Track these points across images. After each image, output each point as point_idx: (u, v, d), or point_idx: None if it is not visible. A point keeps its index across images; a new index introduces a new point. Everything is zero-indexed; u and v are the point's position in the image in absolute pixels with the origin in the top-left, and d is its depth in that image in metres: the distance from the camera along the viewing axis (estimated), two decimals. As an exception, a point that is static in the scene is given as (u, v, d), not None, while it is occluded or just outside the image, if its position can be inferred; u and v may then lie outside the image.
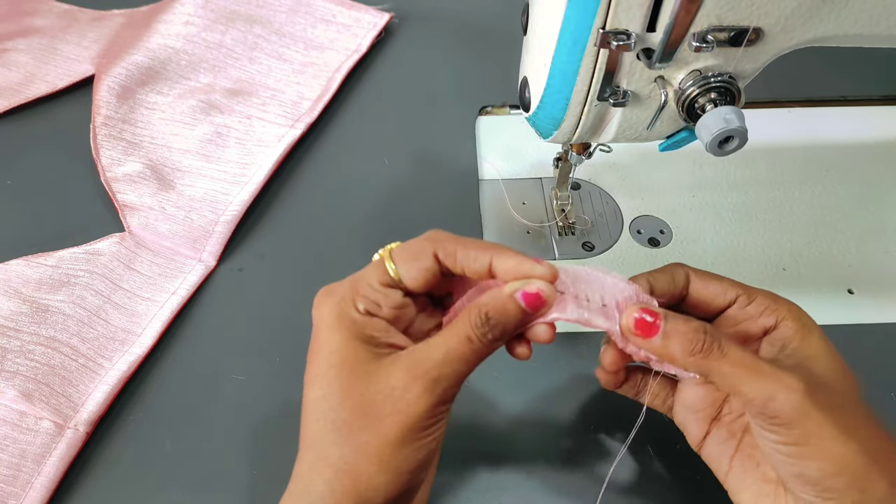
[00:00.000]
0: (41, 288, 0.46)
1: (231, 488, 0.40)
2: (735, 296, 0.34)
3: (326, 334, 0.31)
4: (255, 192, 0.52)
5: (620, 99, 0.36)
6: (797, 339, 0.32)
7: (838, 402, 0.30)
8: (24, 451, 0.39)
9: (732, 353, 0.30)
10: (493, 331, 0.30)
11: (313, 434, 0.30)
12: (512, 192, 0.54)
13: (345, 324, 0.31)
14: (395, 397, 0.29)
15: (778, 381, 0.29)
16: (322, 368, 0.30)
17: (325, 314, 0.31)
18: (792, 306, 0.33)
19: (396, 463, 0.29)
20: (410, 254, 0.32)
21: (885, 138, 0.58)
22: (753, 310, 0.33)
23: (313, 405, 0.30)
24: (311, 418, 0.30)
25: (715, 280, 0.34)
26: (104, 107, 0.56)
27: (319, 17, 0.66)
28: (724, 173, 0.55)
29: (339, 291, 0.32)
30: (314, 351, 0.31)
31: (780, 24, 0.33)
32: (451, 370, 0.30)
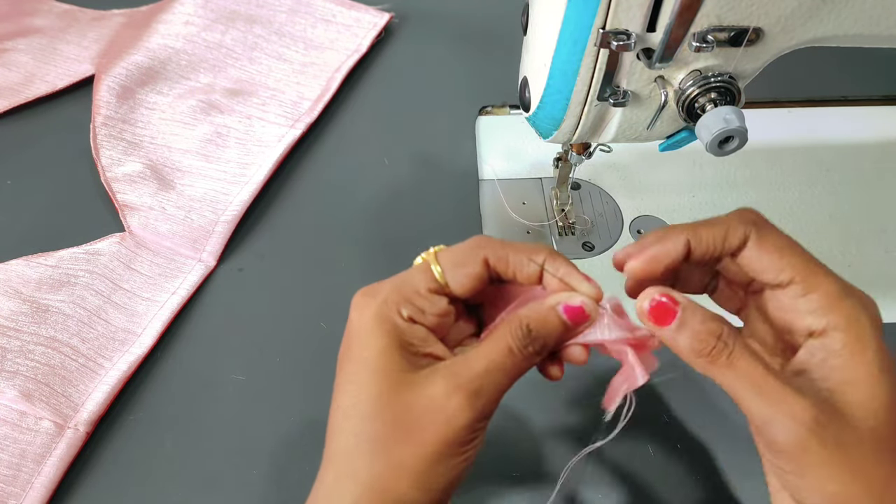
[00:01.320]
0: (41, 288, 0.46)
1: (231, 488, 0.40)
2: (788, 280, 0.28)
3: (365, 339, 0.29)
4: (255, 192, 0.52)
5: (620, 99, 0.36)
6: (843, 356, 0.27)
7: (855, 439, 0.26)
8: (24, 451, 0.39)
9: (741, 364, 0.27)
10: (534, 343, 0.29)
11: (342, 446, 0.28)
12: (512, 192, 0.54)
13: (386, 329, 0.29)
14: (435, 409, 0.27)
15: (782, 407, 0.26)
16: (358, 376, 0.29)
17: (366, 317, 0.29)
18: (853, 313, 0.27)
19: (430, 480, 0.28)
20: (459, 258, 0.30)
21: (885, 138, 0.58)
22: (806, 304, 0.28)
23: (344, 414, 0.28)
24: (341, 428, 0.29)
25: (775, 252, 0.29)
26: (104, 107, 0.56)
27: (319, 17, 0.66)
28: (724, 173, 0.55)
29: (382, 294, 0.30)
30: (350, 357, 0.29)
31: (780, 24, 0.33)
32: (492, 382, 0.28)
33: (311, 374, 0.44)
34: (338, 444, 0.29)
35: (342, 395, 0.29)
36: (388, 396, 0.28)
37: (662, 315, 0.28)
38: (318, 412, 0.42)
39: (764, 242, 0.29)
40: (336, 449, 0.29)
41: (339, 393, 0.29)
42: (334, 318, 0.47)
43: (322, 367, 0.44)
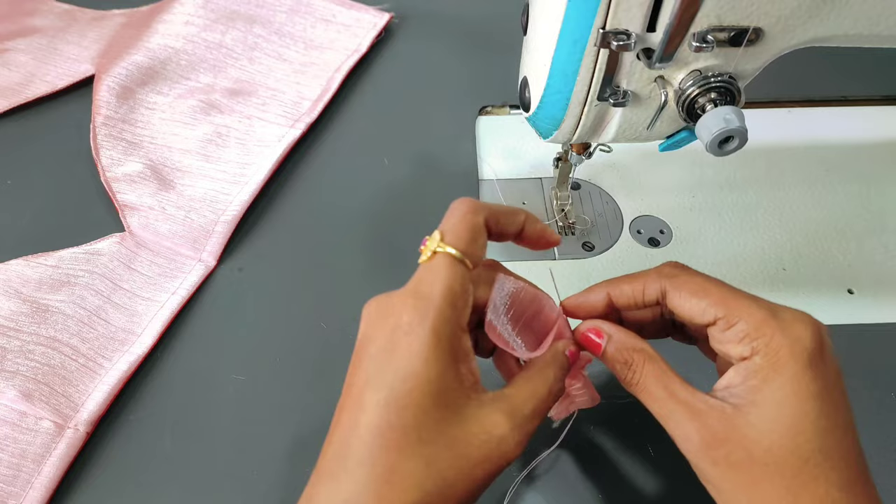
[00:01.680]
0: (41, 288, 0.46)
1: (231, 488, 0.40)
2: (714, 318, 0.30)
3: (424, 353, 0.27)
4: (255, 192, 0.52)
5: (620, 99, 0.36)
6: (757, 379, 0.28)
7: (747, 459, 0.27)
8: (24, 451, 0.39)
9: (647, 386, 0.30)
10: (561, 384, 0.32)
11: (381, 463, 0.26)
12: (512, 192, 0.54)
13: (445, 346, 0.27)
14: (493, 445, 0.27)
15: (677, 429, 0.29)
16: (413, 391, 0.27)
17: (424, 331, 0.27)
18: (775, 339, 0.28)
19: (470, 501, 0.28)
20: (470, 236, 0.30)
21: (885, 138, 0.58)
22: (733, 335, 0.29)
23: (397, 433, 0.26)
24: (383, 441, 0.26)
25: (693, 297, 0.31)
26: (104, 107, 0.56)
27: (319, 17, 0.66)
28: (724, 173, 0.55)
29: (434, 305, 0.28)
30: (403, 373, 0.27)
31: (780, 24, 0.33)
32: (534, 426, 0.29)
33: (311, 374, 0.44)
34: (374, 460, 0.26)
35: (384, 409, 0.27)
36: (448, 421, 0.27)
37: (591, 344, 0.32)
38: (319, 412, 0.42)
39: (681, 291, 0.31)
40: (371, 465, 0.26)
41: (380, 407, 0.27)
42: (334, 318, 0.47)
43: (322, 366, 0.44)
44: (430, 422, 0.27)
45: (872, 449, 0.41)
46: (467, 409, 0.28)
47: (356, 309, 0.41)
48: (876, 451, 0.41)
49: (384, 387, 0.27)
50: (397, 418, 0.26)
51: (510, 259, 0.50)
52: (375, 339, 0.28)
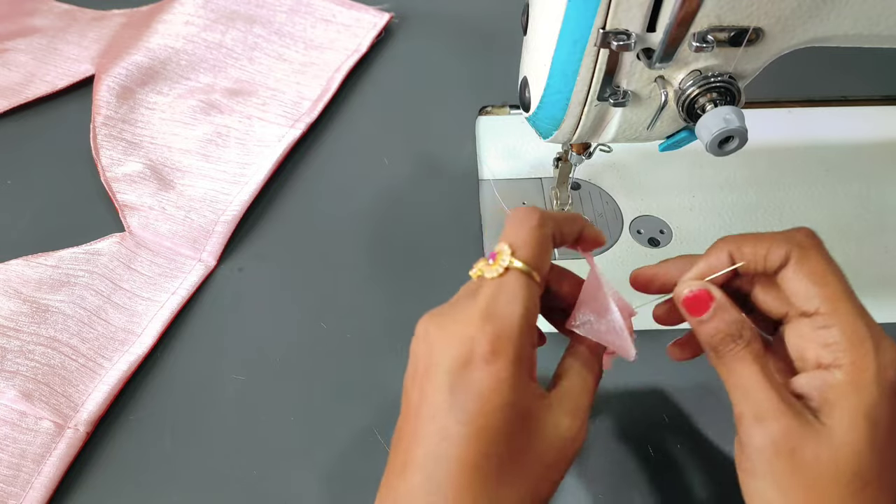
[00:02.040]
0: (41, 288, 0.46)
1: (231, 488, 0.40)
2: (814, 310, 0.29)
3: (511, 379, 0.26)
4: (255, 192, 0.52)
5: (620, 99, 0.36)
6: (836, 394, 0.27)
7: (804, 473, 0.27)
8: (24, 451, 0.39)
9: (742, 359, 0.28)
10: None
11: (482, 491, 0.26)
12: (512, 192, 0.54)
13: (526, 367, 0.27)
14: (567, 446, 0.28)
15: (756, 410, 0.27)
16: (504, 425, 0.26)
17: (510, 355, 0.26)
18: (864, 360, 0.27)
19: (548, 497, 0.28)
20: (540, 249, 0.29)
21: (885, 138, 0.58)
22: (823, 337, 0.28)
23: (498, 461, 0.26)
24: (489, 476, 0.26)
25: (810, 279, 0.29)
26: (104, 107, 0.56)
27: (319, 17, 0.66)
28: (724, 173, 0.55)
29: (514, 326, 0.27)
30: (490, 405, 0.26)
31: (780, 24, 0.33)
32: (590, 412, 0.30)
33: (311, 374, 0.44)
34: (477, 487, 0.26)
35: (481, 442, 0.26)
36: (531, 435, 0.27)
37: (697, 306, 0.29)
38: (319, 412, 0.42)
39: (802, 266, 0.29)
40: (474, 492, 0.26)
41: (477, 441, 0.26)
42: (334, 318, 0.47)
43: (322, 366, 0.44)
44: (520, 445, 0.27)
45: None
46: (543, 420, 0.28)
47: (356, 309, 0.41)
48: (876, 451, 0.41)
49: (470, 418, 0.26)
50: (493, 448, 0.26)
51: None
52: (447, 365, 0.27)
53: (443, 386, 0.27)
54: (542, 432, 0.27)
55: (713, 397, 0.42)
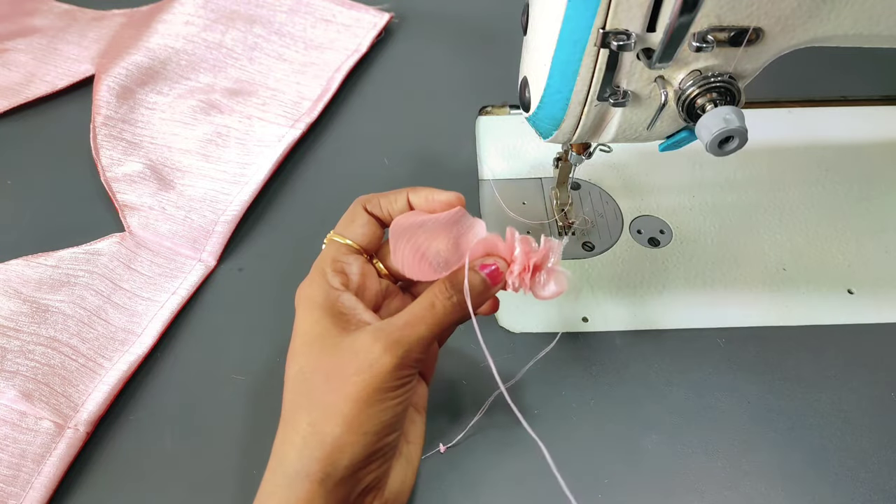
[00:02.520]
0: (41, 288, 0.46)
1: (231, 488, 0.40)
2: None
3: (301, 315, 0.34)
4: (255, 192, 0.52)
5: (620, 99, 0.36)
6: None
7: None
8: (24, 451, 0.39)
9: None
10: (458, 294, 0.33)
11: (289, 405, 0.33)
12: (512, 192, 0.54)
13: (317, 302, 0.34)
14: (359, 358, 0.31)
15: None
16: (298, 345, 0.33)
17: (299, 300, 0.35)
18: None
19: (360, 422, 0.31)
20: (347, 219, 0.37)
21: (885, 138, 0.58)
22: None
23: (289, 381, 0.33)
24: (287, 392, 0.33)
25: None
26: (104, 107, 0.56)
27: (319, 17, 0.66)
28: (724, 173, 0.55)
29: (309, 277, 0.35)
30: (293, 334, 0.34)
31: (780, 24, 0.33)
32: (413, 333, 0.32)
33: (311, 374, 0.44)
34: (285, 405, 0.33)
35: (289, 365, 0.33)
36: (322, 356, 0.32)
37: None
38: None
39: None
40: (285, 410, 0.33)
41: (287, 365, 0.34)
42: (334, 318, 0.47)
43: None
44: (311, 362, 0.32)
45: (872, 449, 0.41)
46: (343, 341, 0.32)
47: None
48: (876, 451, 0.41)
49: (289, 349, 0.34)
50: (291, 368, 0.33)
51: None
52: None
53: None
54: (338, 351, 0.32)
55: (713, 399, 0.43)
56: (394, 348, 0.31)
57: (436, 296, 0.33)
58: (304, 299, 0.34)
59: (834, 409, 0.42)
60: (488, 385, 0.42)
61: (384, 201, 0.37)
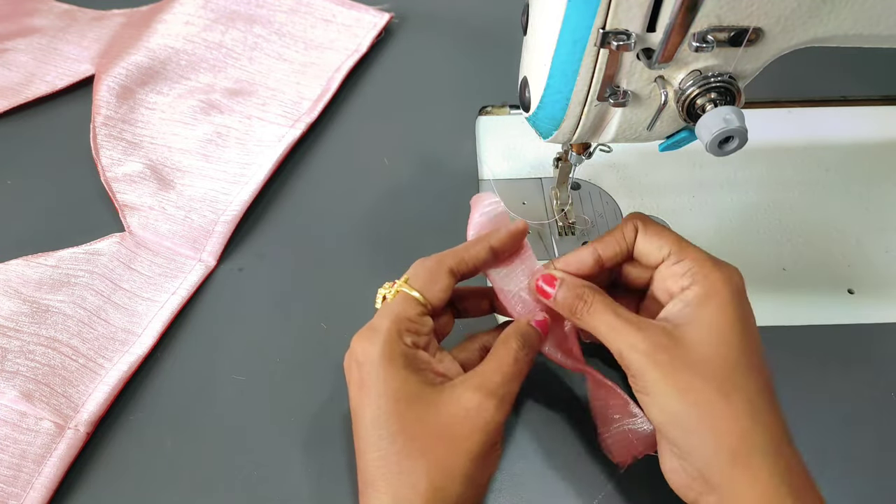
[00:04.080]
0: (41, 288, 0.46)
1: (231, 488, 0.40)
2: (667, 253, 0.36)
3: (383, 374, 0.33)
4: (255, 192, 0.52)
5: (620, 99, 0.36)
6: (694, 304, 0.34)
7: (682, 364, 0.32)
8: (24, 452, 0.39)
9: (597, 311, 0.35)
10: (527, 350, 0.35)
11: (393, 468, 0.32)
12: (512, 192, 0.54)
13: (398, 361, 0.33)
14: (473, 417, 0.32)
15: (626, 340, 0.33)
16: (387, 406, 0.32)
17: (374, 355, 0.33)
18: (712, 272, 0.34)
19: (478, 476, 0.32)
20: (429, 277, 0.36)
21: (885, 138, 0.58)
22: (679, 269, 0.35)
23: (388, 441, 0.32)
24: (386, 453, 0.32)
25: (656, 236, 0.37)
26: (104, 107, 0.56)
27: (319, 17, 0.66)
28: (724, 173, 0.55)
29: (382, 330, 0.34)
30: (370, 393, 0.33)
31: (780, 24, 0.33)
32: (510, 389, 0.34)
33: (311, 375, 0.44)
34: (386, 466, 0.32)
35: (376, 426, 0.32)
36: (424, 416, 0.32)
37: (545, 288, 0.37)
38: (318, 412, 0.42)
39: (647, 231, 0.37)
40: (386, 472, 0.32)
41: (372, 426, 0.32)
42: (334, 318, 0.47)
43: (322, 367, 0.44)
44: (411, 421, 0.32)
45: (872, 449, 0.41)
46: (441, 398, 0.33)
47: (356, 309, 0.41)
48: (876, 451, 0.41)
49: (366, 413, 0.33)
50: (385, 430, 0.32)
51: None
52: (350, 378, 0.34)
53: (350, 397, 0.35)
54: (442, 409, 0.32)
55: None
56: (500, 404, 0.33)
57: (517, 352, 0.35)
58: (382, 355, 0.33)
59: (834, 409, 0.42)
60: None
61: (468, 256, 0.37)
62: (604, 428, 0.38)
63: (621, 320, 0.34)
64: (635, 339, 0.33)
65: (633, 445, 0.36)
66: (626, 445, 0.37)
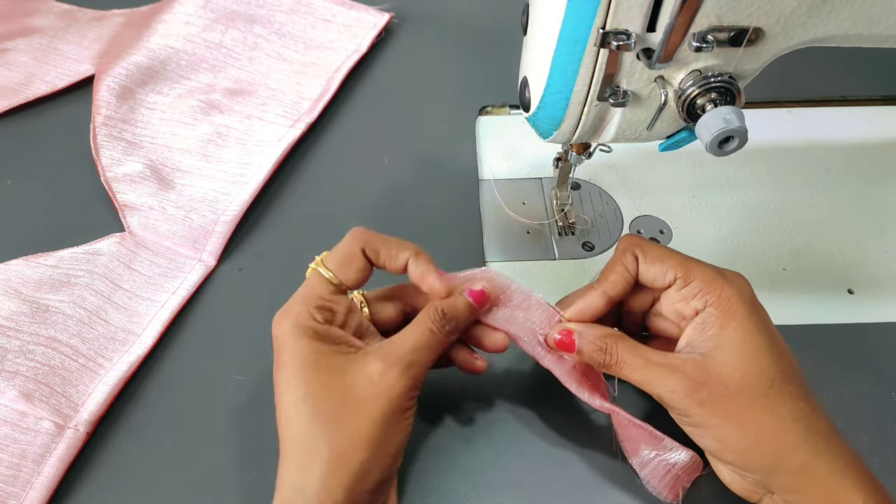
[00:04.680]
0: (41, 288, 0.46)
1: (231, 488, 0.40)
2: (673, 278, 0.36)
3: (293, 344, 0.34)
4: (255, 191, 0.52)
5: (620, 99, 0.36)
6: (716, 325, 0.34)
7: (723, 393, 0.32)
8: (24, 452, 0.39)
9: (627, 361, 0.34)
10: (449, 323, 0.35)
11: (298, 435, 0.32)
12: (512, 192, 0.54)
13: (308, 333, 0.34)
14: (375, 383, 0.32)
15: (663, 385, 0.33)
16: (296, 373, 0.33)
17: (287, 329, 0.34)
18: (724, 291, 0.34)
19: (382, 444, 0.32)
20: (343, 258, 0.36)
21: (885, 138, 0.58)
22: (688, 292, 0.35)
23: (294, 408, 0.33)
24: (293, 421, 0.33)
25: (658, 260, 0.36)
26: (104, 107, 0.56)
27: (319, 17, 0.66)
28: (724, 173, 0.55)
29: (294, 309, 0.35)
30: (283, 363, 0.34)
31: (780, 24, 0.33)
32: (420, 357, 0.34)
33: (311, 374, 0.44)
34: (293, 434, 0.33)
35: (287, 394, 0.33)
36: (330, 383, 0.33)
37: (566, 345, 0.36)
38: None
39: (649, 257, 0.36)
40: (293, 439, 0.33)
41: (284, 393, 0.33)
42: (334, 318, 0.46)
43: (322, 367, 0.44)
44: (316, 386, 0.32)
45: (872, 449, 0.41)
46: (350, 366, 0.33)
47: (356, 309, 0.41)
48: (876, 451, 0.41)
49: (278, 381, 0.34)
50: (291, 394, 0.33)
51: (509, 259, 0.50)
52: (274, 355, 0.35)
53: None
54: (346, 376, 0.33)
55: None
56: (406, 371, 0.33)
57: (433, 322, 0.35)
58: (293, 327, 0.34)
59: (834, 409, 0.42)
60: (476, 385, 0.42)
61: (384, 253, 0.37)
62: (641, 466, 0.37)
63: (653, 366, 0.34)
64: (672, 383, 0.33)
65: (678, 479, 0.36)
66: (672, 479, 0.36)
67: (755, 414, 0.32)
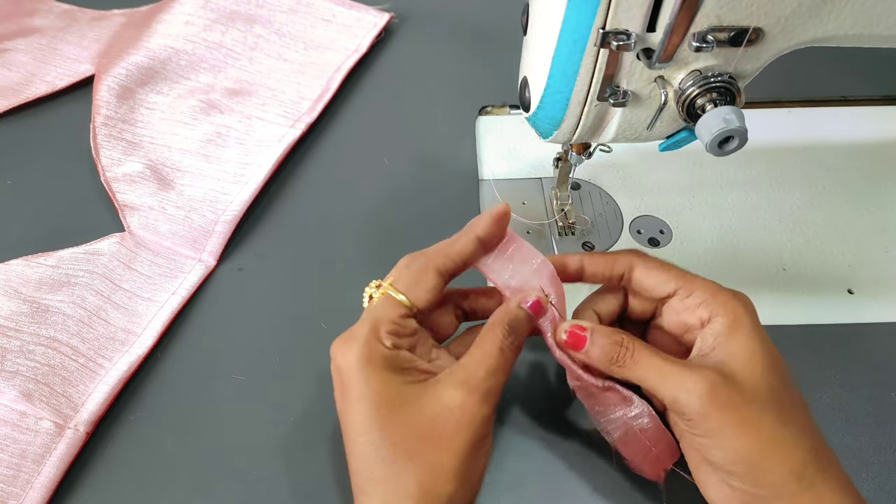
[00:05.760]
0: (41, 288, 0.46)
1: (231, 488, 0.40)
2: (675, 288, 0.36)
3: (361, 380, 0.32)
4: (255, 192, 0.52)
5: (620, 99, 0.36)
6: (725, 335, 0.34)
7: (740, 399, 0.32)
8: (24, 452, 0.39)
9: (643, 359, 0.33)
10: (513, 337, 0.34)
11: (378, 476, 0.31)
12: (512, 192, 0.54)
13: (378, 364, 0.32)
14: (457, 415, 0.31)
15: (681, 384, 0.32)
16: (370, 413, 0.31)
17: (353, 362, 0.32)
18: (729, 300, 0.34)
19: (467, 473, 0.32)
20: (412, 279, 0.35)
21: (885, 138, 0.58)
22: (692, 302, 0.35)
23: (373, 449, 0.31)
24: (373, 461, 0.31)
25: (659, 269, 0.36)
26: (104, 107, 0.56)
27: (319, 17, 0.66)
28: (724, 173, 0.55)
29: (361, 335, 0.33)
30: (352, 401, 0.32)
31: (780, 24, 0.33)
32: (496, 381, 0.33)
33: (311, 375, 0.44)
34: (375, 474, 0.31)
35: (360, 434, 0.31)
36: (408, 419, 0.31)
37: (577, 341, 0.35)
38: (318, 412, 0.42)
39: (647, 267, 0.36)
40: (374, 479, 0.31)
41: (358, 434, 0.32)
42: (334, 318, 0.46)
43: (322, 367, 0.44)
44: (394, 425, 0.31)
45: (872, 449, 0.41)
46: (424, 397, 0.32)
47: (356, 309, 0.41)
48: (876, 451, 0.41)
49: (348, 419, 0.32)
50: (368, 436, 0.31)
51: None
52: (334, 386, 0.34)
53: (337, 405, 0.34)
54: (424, 408, 0.32)
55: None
56: (485, 398, 0.32)
57: (502, 341, 0.33)
58: (360, 358, 0.32)
59: (834, 409, 0.42)
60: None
61: (454, 252, 0.35)
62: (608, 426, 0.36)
63: (671, 364, 0.33)
64: (691, 383, 0.32)
65: (659, 460, 0.35)
66: (654, 460, 0.36)
67: (769, 423, 0.31)
